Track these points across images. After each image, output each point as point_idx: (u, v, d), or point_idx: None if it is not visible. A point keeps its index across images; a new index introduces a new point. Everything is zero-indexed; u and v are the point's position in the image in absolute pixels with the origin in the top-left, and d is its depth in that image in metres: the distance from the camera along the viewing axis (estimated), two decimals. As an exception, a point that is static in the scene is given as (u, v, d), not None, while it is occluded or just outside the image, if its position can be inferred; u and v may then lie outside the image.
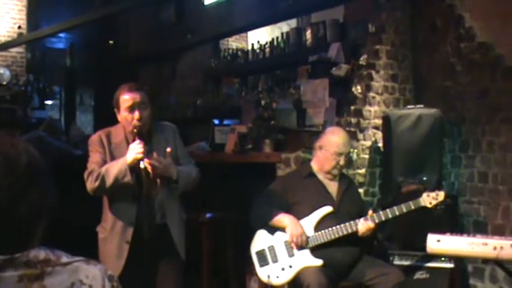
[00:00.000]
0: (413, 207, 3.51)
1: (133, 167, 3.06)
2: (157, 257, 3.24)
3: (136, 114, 3.13)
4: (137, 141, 3.08)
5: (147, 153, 3.11)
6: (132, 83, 3.30)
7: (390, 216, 3.52)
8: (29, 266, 1.21)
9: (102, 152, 3.21)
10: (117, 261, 3.14)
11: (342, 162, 3.67)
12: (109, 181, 3.07)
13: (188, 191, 3.35)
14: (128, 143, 3.17)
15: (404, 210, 3.51)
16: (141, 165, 3.06)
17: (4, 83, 8.79)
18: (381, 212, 3.56)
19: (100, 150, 3.22)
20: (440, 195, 3.52)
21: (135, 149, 3.06)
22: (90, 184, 3.13)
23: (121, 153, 3.15)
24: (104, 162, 3.18)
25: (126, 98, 3.16)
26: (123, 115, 3.19)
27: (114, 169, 3.07)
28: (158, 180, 3.18)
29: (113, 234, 3.20)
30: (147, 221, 3.17)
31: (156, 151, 3.16)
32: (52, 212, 1.31)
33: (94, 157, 3.22)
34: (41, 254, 1.24)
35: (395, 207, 3.52)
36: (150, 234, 3.19)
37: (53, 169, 1.33)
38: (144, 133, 3.18)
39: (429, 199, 3.51)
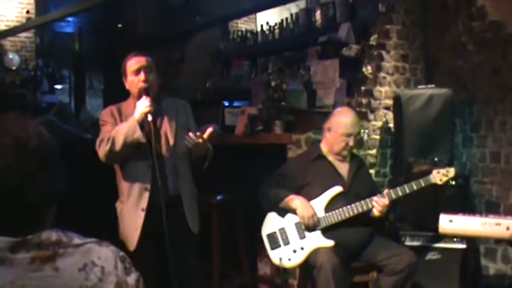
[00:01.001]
0: (423, 185, 3.49)
1: (143, 123, 3.09)
2: (171, 229, 3.20)
3: (142, 75, 3.18)
4: (143, 97, 3.12)
5: (156, 113, 3.15)
6: (137, 50, 3.35)
7: (400, 194, 3.50)
8: (41, 248, 1.21)
9: (113, 123, 3.24)
10: (134, 231, 3.17)
11: (351, 143, 3.64)
12: (119, 141, 3.08)
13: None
14: None
15: (415, 187, 3.49)
16: (149, 117, 3.08)
17: (14, 68, 8.81)
18: (391, 190, 3.54)
19: (111, 120, 3.25)
20: (451, 171, 3.50)
21: (143, 104, 3.09)
22: (102, 150, 3.14)
23: None
24: None
25: (132, 62, 3.22)
26: (130, 79, 3.24)
27: (124, 128, 3.10)
28: (171, 139, 3.23)
29: (130, 202, 3.22)
30: (161, 187, 3.10)
31: (165, 114, 3.25)
32: (63, 195, 1.31)
33: (105, 128, 3.24)
34: (53, 235, 1.24)
35: (405, 185, 3.50)
36: (164, 201, 3.09)
37: (64, 153, 1.33)
38: (151, 94, 3.20)
39: (439, 176, 3.49)
